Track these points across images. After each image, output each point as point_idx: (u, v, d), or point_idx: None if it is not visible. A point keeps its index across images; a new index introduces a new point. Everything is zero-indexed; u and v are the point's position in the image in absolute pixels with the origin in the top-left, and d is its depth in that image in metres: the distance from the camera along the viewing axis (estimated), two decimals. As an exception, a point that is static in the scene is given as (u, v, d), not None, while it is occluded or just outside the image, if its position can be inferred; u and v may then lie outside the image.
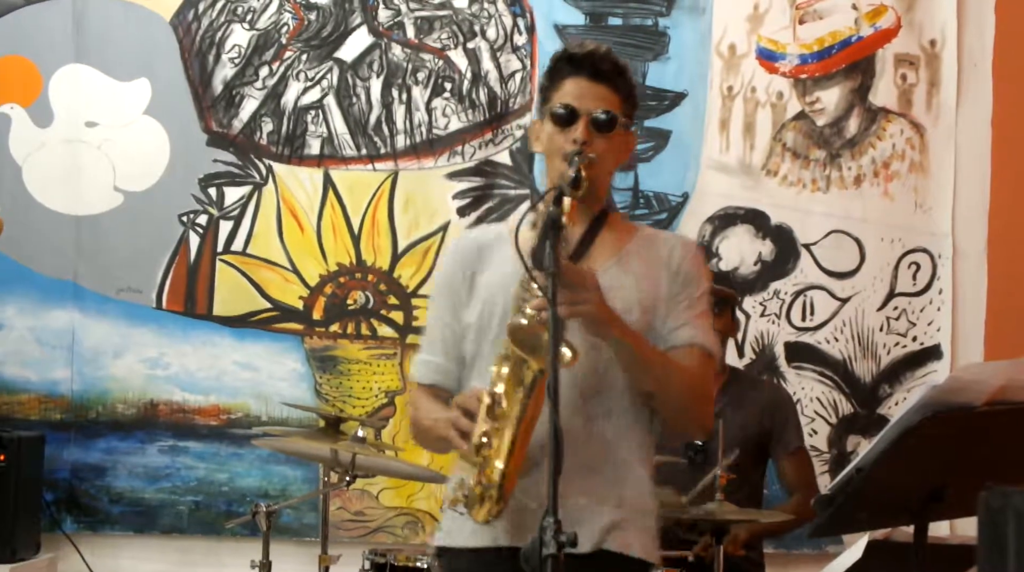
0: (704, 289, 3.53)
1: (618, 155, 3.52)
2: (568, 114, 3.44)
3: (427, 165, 6.46)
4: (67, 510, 6.45)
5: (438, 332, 3.59)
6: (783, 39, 6.39)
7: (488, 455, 3.17)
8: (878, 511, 3.45)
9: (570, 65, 3.50)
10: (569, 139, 3.42)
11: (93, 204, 6.47)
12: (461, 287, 3.53)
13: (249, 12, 6.50)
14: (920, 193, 6.33)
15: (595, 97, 3.45)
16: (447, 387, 3.56)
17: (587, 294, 3.22)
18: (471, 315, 3.49)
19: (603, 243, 3.49)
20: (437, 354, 3.58)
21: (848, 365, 6.32)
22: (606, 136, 3.44)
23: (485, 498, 3.19)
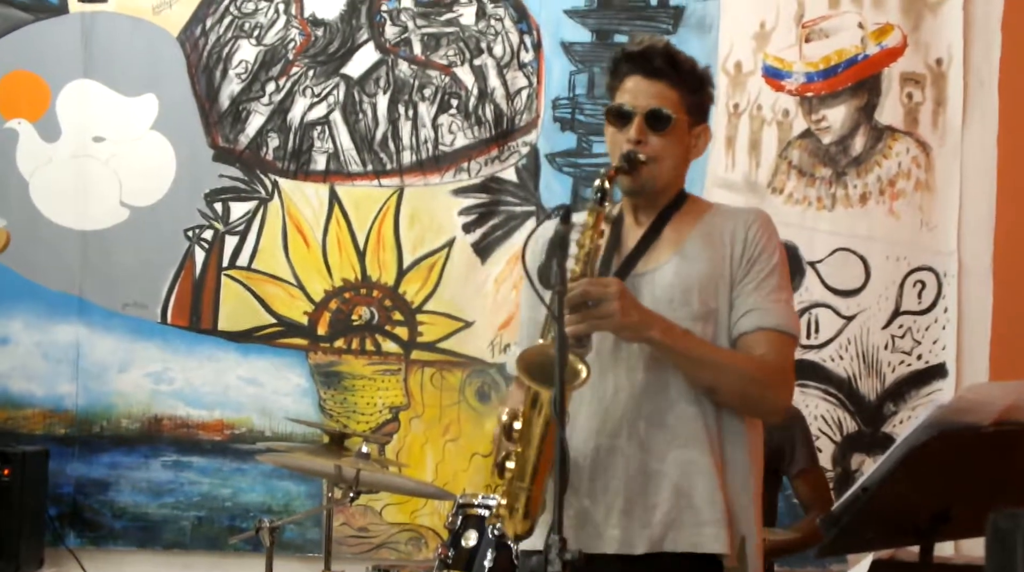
0: (773, 263, 3.45)
1: (682, 149, 3.50)
2: (622, 113, 3.44)
3: (433, 181, 6.47)
4: (71, 525, 6.45)
5: (524, 323, 3.60)
6: (789, 57, 6.39)
7: (510, 476, 3.18)
8: (884, 531, 3.44)
9: (627, 63, 3.48)
10: (624, 138, 3.42)
11: (99, 219, 6.47)
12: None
13: (256, 28, 6.51)
14: (926, 211, 6.32)
15: (650, 94, 3.44)
16: None
17: (609, 305, 3.20)
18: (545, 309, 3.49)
19: (668, 235, 3.47)
20: (524, 345, 3.54)
21: (853, 383, 6.31)
22: (662, 133, 3.43)
23: (512, 515, 3.19)
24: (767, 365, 3.41)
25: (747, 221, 3.49)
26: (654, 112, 3.43)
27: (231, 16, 6.52)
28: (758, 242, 3.46)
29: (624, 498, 3.34)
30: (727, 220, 3.51)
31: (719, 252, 3.45)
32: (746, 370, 3.39)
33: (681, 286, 3.39)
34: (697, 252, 3.45)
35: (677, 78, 3.47)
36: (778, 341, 3.43)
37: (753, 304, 3.42)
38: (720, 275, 3.44)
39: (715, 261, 3.44)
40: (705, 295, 3.41)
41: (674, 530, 3.35)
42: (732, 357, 3.41)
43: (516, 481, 3.17)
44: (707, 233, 3.48)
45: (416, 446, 6.39)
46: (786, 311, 3.46)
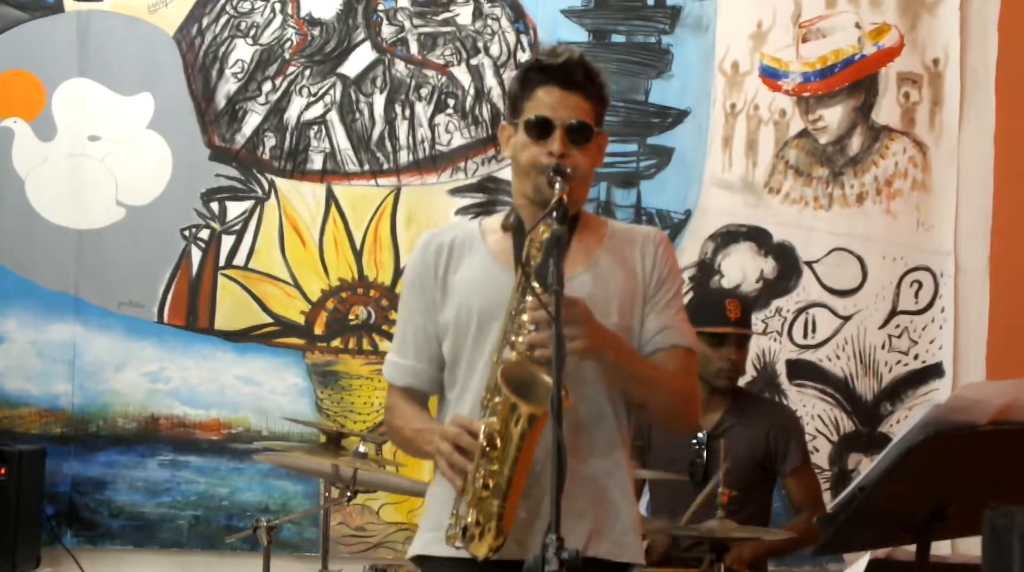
0: (677, 285, 3.53)
1: (594, 161, 3.49)
2: (543, 125, 3.41)
3: (430, 181, 6.47)
4: (67, 524, 6.44)
5: (410, 334, 3.54)
6: (786, 57, 6.40)
7: (485, 495, 3.17)
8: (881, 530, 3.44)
9: (542, 74, 3.44)
10: (544, 151, 3.38)
11: (95, 218, 6.46)
12: (433, 287, 3.49)
13: (253, 27, 6.51)
14: (922, 211, 6.33)
15: (569, 106, 3.41)
16: (421, 389, 3.54)
17: (577, 329, 3.20)
18: (447, 316, 3.46)
19: (578, 247, 3.46)
20: (409, 356, 3.54)
21: (849, 383, 6.32)
22: (582, 146, 3.41)
23: (485, 533, 3.18)
24: (688, 380, 3.51)
25: (655, 241, 3.53)
26: (578, 125, 3.41)
27: (227, 15, 6.52)
28: (666, 263, 3.51)
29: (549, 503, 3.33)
30: (633, 238, 3.53)
31: (630, 269, 3.48)
32: (676, 386, 3.47)
33: (601, 298, 3.38)
34: (610, 268, 3.46)
35: (592, 90, 3.45)
36: (689, 359, 3.52)
37: (666, 322, 3.48)
38: (633, 291, 3.47)
39: (628, 278, 3.47)
40: (622, 309, 3.44)
41: (597, 537, 3.37)
42: (665, 374, 3.46)
43: (492, 500, 3.17)
44: (615, 249, 3.50)
45: (413, 446, 6.38)
46: (691, 330, 3.55)
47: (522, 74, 3.50)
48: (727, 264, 6.38)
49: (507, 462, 3.16)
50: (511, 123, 3.49)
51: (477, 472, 3.18)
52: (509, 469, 3.16)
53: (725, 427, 5.31)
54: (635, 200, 6.40)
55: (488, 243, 3.50)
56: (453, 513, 3.25)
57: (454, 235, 3.54)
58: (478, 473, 3.18)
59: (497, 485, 3.16)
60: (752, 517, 5.23)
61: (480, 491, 3.18)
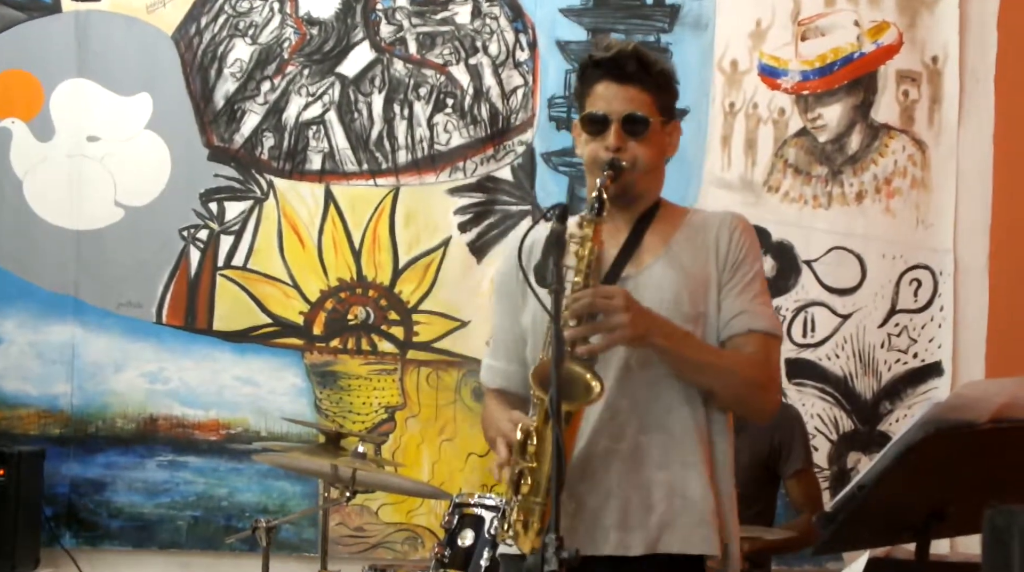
0: (756, 268, 3.49)
1: (659, 151, 3.49)
2: (598, 120, 3.43)
3: (428, 181, 6.46)
4: (66, 525, 6.44)
5: (499, 336, 3.60)
6: (785, 55, 6.39)
7: (525, 492, 3.17)
8: (880, 529, 3.43)
9: (597, 69, 3.47)
10: (602, 146, 3.41)
11: (94, 218, 6.46)
12: (516, 290, 3.50)
13: (251, 27, 6.50)
14: (922, 210, 6.32)
15: (624, 99, 3.43)
16: (513, 390, 3.56)
17: (619, 317, 3.21)
18: (527, 319, 3.49)
19: (651, 239, 3.47)
20: (500, 358, 3.59)
21: (849, 382, 6.31)
22: (640, 138, 3.42)
23: (528, 530, 3.17)
24: (760, 367, 3.45)
25: (731, 225, 3.50)
26: (631, 117, 3.42)
27: (226, 15, 6.52)
28: (742, 246, 3.48)
29: (621, 499, 3.34)
30: (709, 224, 3.52)
31: (704, 256, 3.47)
32: (743, 372, 3.42)
33: (671, 288, 3.39)
34: (683, 256, 3.46)
35: (649, 80, 3.46)
36: (768, 343, 3.47)
37: (742, 306, 3.44)
38: (707, 278, 3.45)
39: (701, 264, 3.46)
40: (695, 298, 3.42)
41: (668, 531, 3.36)
42: (730, 359, 3.42)
43: (531, 497, 3.17)
44: (690, 237, 3.49)
45: (412, 446, 6.38)
46: (772, 314, 3.50)
47: (580, 72, 3.53)
48: (726, 263, 6.37)
49: (544, 458, 3.15)
50: (577, 122, 3.52)
51: (516, 471, 3.19)
52: (548, 465, 3.14)
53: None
54: (634, 199, 6.38)
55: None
56: (508, 510, 3.24)
57: (535, 237, 3.49)
58: (517, 472, 3.19)
59: (536, 482, 3.16)
60: (757, 517, 5.25)
61: (521, 488, 3.18)
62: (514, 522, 3.19)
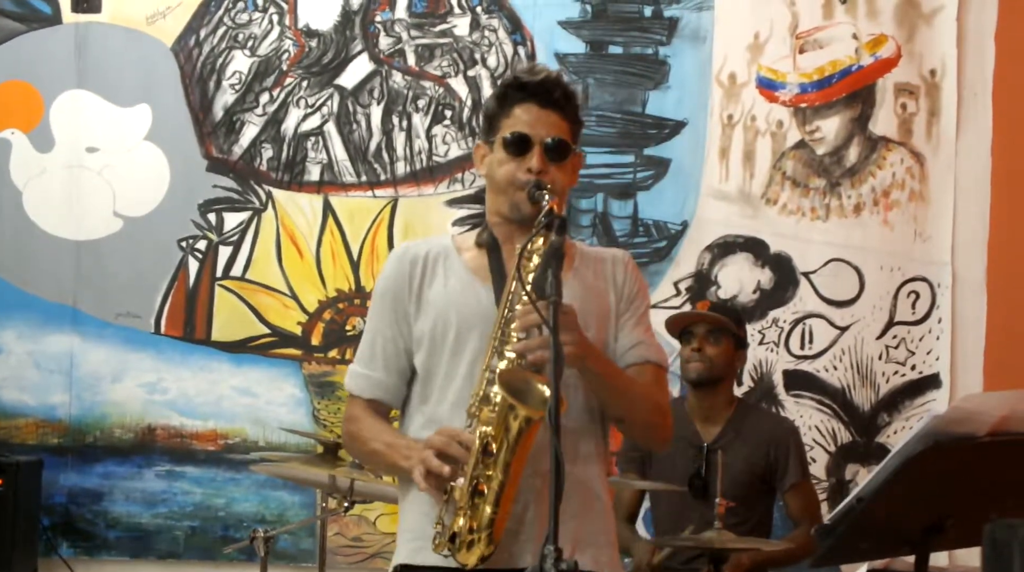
0: (646, 303, 3.57)
1: (571, 179, 3.52)
2: (521, 142, 3.42)
3: (427, 192, 6.47)
4: (64, 535, 6.44)
5: (379, 345, 3.52)
6: (783, 68, 6.40)
7: (478, 501, 3.16)
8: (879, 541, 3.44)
9: (521, 91, 3.47)
10: (522, 168, 3.41)
11: (93, 229, 6.47)
12: (408, 300, 3.48)
13: (250, 39, 6.51)
14: (920, 222, 6.33)
15: (547, 124, 3.43)
16: (387, 402, 3.52)
17: (569, 335, 3.22)
18: (422, 328, 3.45)
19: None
20: (378, 369, 3.51)
21: (847, 394, 6.31)
22: (560, 164, 3.43)
23: (476, 542, 3.18)
24: (661, 395, 3.53)
25: (624, 261, 3.57)
26: (557, 143, 3.43)
27: (225, 27, 6.53)
28: (635, 281, 3.56)
29: (536, 513, 3.32)
30: (604, 258, 3.58)
31: (603, 285, 3.51)
32: (652, 399, 3.49)
33: (581, 313, 3.38)
34: (584, 286, 3.48)
35: (569, 109, 3.48)
36: (661, 375, 3.54)
37: (638, 338, 3.51)
38: (608, 308, 3.50)
39: (601, 295, 3.50)
40: (599, 325, 3.47)
41: (580, 546, 3.35)
42: (642, 388, 3.48)
43: (485, 507, 3.16)
44: (588, 266, 3.53)
45: (410, 456, 6.37)
46: (661, 347, 3.57)
47: (500, 92, 3.53)
48: (724, 275, 6.38)
49: (501, 467, 3.16)
50: (486, 142, 3.52)
51: (470, 479, 3.17)
52: (503, 474, 3.16)
53: (725, 441, 5.31)
54: (632, 211, 6.39)
55: (464, 258, 3.52)
56: (438, 522, 3.23)
57: (428, 249, 3.55)
58: (471, 480, 3.17)
59: (491, 491, 3.16)
60: (754, 530, 5.24)
61: (473, 498, 3.17)
62: (460, 532, 3.18)
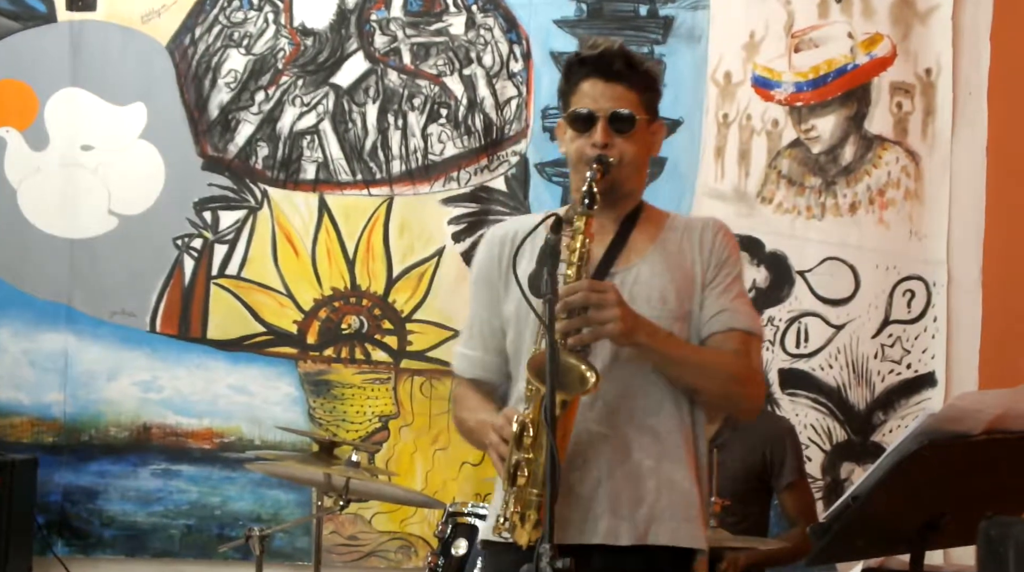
0: (737, 270, 3.53)
1: (645, 149, 3.52)
2: (585, 117, 3.45)
3: (422, 190, 6.47)
4: (59, 533, 6.43)
5: (476, 326, 3.60)
6: (779, 67, 6.39)
7: (522, 483, 3.18)
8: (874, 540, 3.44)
9: (584, 67, 3.49)
10: (589, 143, 3.43)
11: (88, 228, 6.46)
12: (498, 280, 3.51)
13: (245, 37, 6.51)
14: (915, 221, 6.32)
15: (611, 97, 3.45)
16: (489, 381, 3.56)
17: (610, 311, 3.23)
18: (509, 308, 3.49)
19: (638, 239, 3.49)
20: (477, 348, 3.59)
21: (842, 392, 6.31)
22: (627, 135, 3.45)
23: (525, 522, 3.19)
24: (742, 363, 3.47)
25: (714, 228, 3.55)
26: (618, 115, 3.44)
27: (220, 25, 6.52)
28: (725, 247, 3.53)
29: (609, 489, 3.35)
30: (692, 226, 3.57)
31: (689, 256, 3.50)
32: (727, 369, 3.45)
33: (658, 286, 3.42)
34: (669, 255, 3.49)
35: (635, 79, 3.49)
36: (748, 341, 3.50)
37: (723, 305, 3.48)
38: (692, 277, 3.49)
39: (686, 264, 3.50)
40: (681, 296, 3.46)
41: (656, 523, 3.37)
42: (714, 357, 3.46)
43: (529, 488, 3.18)
44: (675, 238, 3.53)
45: (406, 455, 6.38)
46: (752, 313, 3.54)
47: (565, 69, 3.56)
48: (720, 274, 6.37)
49: (540, 450, 3.16)
50: (563, 119, 3.53)
51: (513, 462, 3.19)
52: (543, 456, 3.15)
53: (722, 439, 5.31)
54: (628, 210, 6.39)
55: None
56: (505, 502, 3.25)
57: (517, 228, 3.55)
58: (514, 463, 3.19)
59: (532, 473, 3.17)
60: (750, 528, 5.24)
61: (518, 480, 3.19)
62: (511, 514, 3.20)
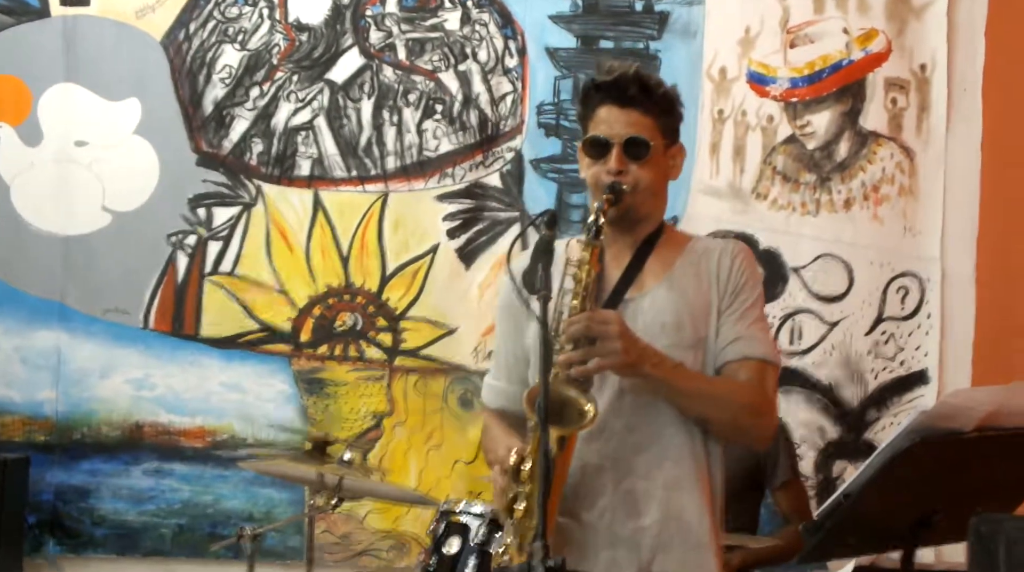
0: (756, 296, 3.51)
1: (662, 174, 3.52)
2: (600, 144, 3.44)
3: (417, 187, 6.45)
4: (50, 532, 6.42)
5: (501, 356, 3.63)
6: (774, 63, 6.39)
7: (519, 516, 3.18)
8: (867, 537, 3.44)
9: (599, 92, 3.49)
10: (604, 169, 3.42)
11: (82, 224, 6.44)
12: (519, 310, 3.49)
13: (240, 33, 6.49)
14: (909, 217, 6.32)
15: (626, 123, 3.44)
16: (514, 411, 3.53)
17: (613, 344, 3.22)
18: (530, 338, 3.49)
19: (654, 264, 3.49)
20: (501, 378, 3.61)
21: (835, 389, 6.30)
22: (642, 161, 3.43)
23: (523, 553, 3.18)
24: (754, 393, 3.45)
25: (732, 253, 3.53)
26: (632, 140, 3.44)
27: (215, 21, 6.51)
28: (742, 273, 3.51)
29: (612, 518, 3.34)
30: (711, 251, 3.54)
31: (705, 282, 3.49)
32: (738, 399, 3.43)
33: (672, 312, 3.41)
34: (684, 281, 3.48)
35: (650, 104, 3.48)
36: (764, 370, 3.48)
37: (738, 333, 3.46)
38: (708, 304, 3.47)
39: (702, 290, 3.48)
40: (696, 323, 3.44)
41: (663, 553, 3.36)
42: (724, 387, 3.44)
43: (526, 520, 3.17)
44: (692, 263, 3.51)
45: (399, 453, 6.37)
46: (769, 341, 3.52)
47: (583, 95, 3.56)
48: (714, 270, 6.37)
49: (538, 483, 3.14)
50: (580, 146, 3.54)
51: (511, 495, 3.20)
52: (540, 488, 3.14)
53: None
54: (622, 206, 6.37)
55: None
56: (505, 532, 3.28)
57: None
58: (512, 496, 3.20)
59: (529, 507, 3.17)
60: (741, 527, 5.24)
61: (515, 512, 3.19)
62: (509, 546, 3.20)
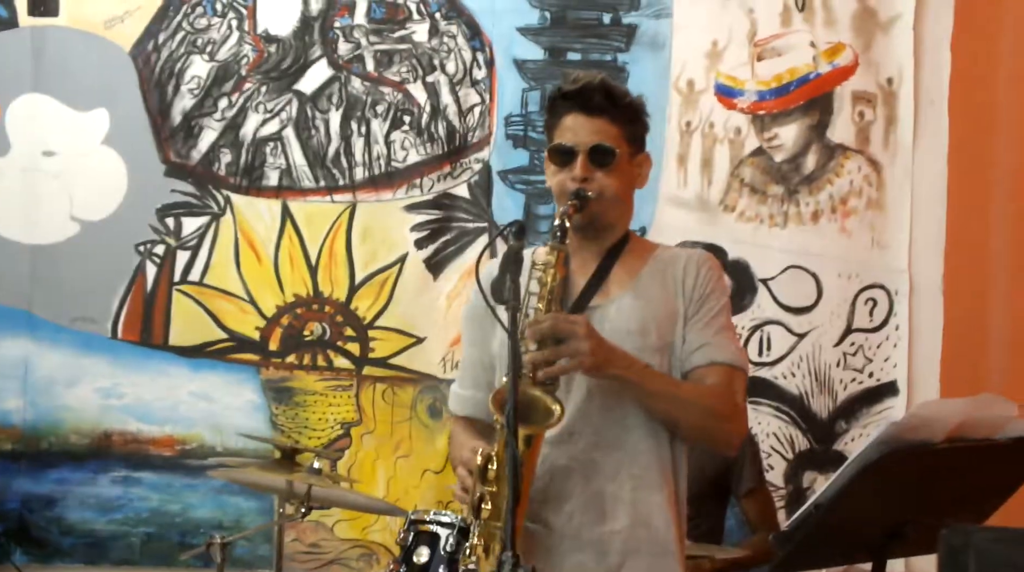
0: (722, 303, 3.54)
1: (627, 182, 3.54)
2: (565, 151, 3.47)
3: (385, 197, 6.46)
4: (17, 542, 6.38)
5: (467, 365, 3.66)
6: (742, 75, 6.41)
7: (485, 516, 3.18)
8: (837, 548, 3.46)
9: (566, 101, 3.52)
10: (569, 176, 3.45)
11: (49, 233, 6.42)
12: (485, 318, 3.48)
13: (209, 44, 6.48)
14: (877, 229, 6.35)
15: (592, 131, 3.47)
16: (480, 417, 3.57)
17: (580, 344, 3.24)
18: (496, 346, 3.51)
19: (619, 272, 3.52)
20: (467, 386, 3.64)
21: (805, 401, 6.33)
22: (607, 168, 3.45)
23: (489, 555, 3.19)
24: (722, 397, 3.48)
25: (698, 261, 3.56)
26: (598, 148, 3.47)
27: (184, 32, 6.50)
28: (708, 281, 3.54)
29: (580, 522, 3.35)
30: (677, 259, 3.57)
31: (671, 289, 3.52)
32: (705, 402, 3.46)
33: (638, 319, 3.43)
34: (651, 288, 3.50)
35: (615, 112, 3.52)
36: (731, 375, 3.51)
37: (705, 339, 3.49)
38: (674, 311, 3.50)
39: (668, 298, 3.51)
40: (661, 329, 3.46)
41: (632, 557, 3.37)
42: (691, 391, 3.46)
43: (492, 521, 3.18)
44: (658, 271, 3.54)
45: (368, 462, 6.37)
46: (736, 348, 3.55)
47: (549, 104, 3.60)
48: (682, 282, 6.38)
49: (503, 483, 3.16)
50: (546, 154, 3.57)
51: (477, 495, 3.21)
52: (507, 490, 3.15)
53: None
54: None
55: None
56: (471, 534, 3.27)
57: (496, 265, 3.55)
58: (478, 496, 3.21)
59: (496, 507, 3.18)
60: (706, 535, 5.24)
61: (482, 513, 3.20)
62: (475, 547, 3.21)
